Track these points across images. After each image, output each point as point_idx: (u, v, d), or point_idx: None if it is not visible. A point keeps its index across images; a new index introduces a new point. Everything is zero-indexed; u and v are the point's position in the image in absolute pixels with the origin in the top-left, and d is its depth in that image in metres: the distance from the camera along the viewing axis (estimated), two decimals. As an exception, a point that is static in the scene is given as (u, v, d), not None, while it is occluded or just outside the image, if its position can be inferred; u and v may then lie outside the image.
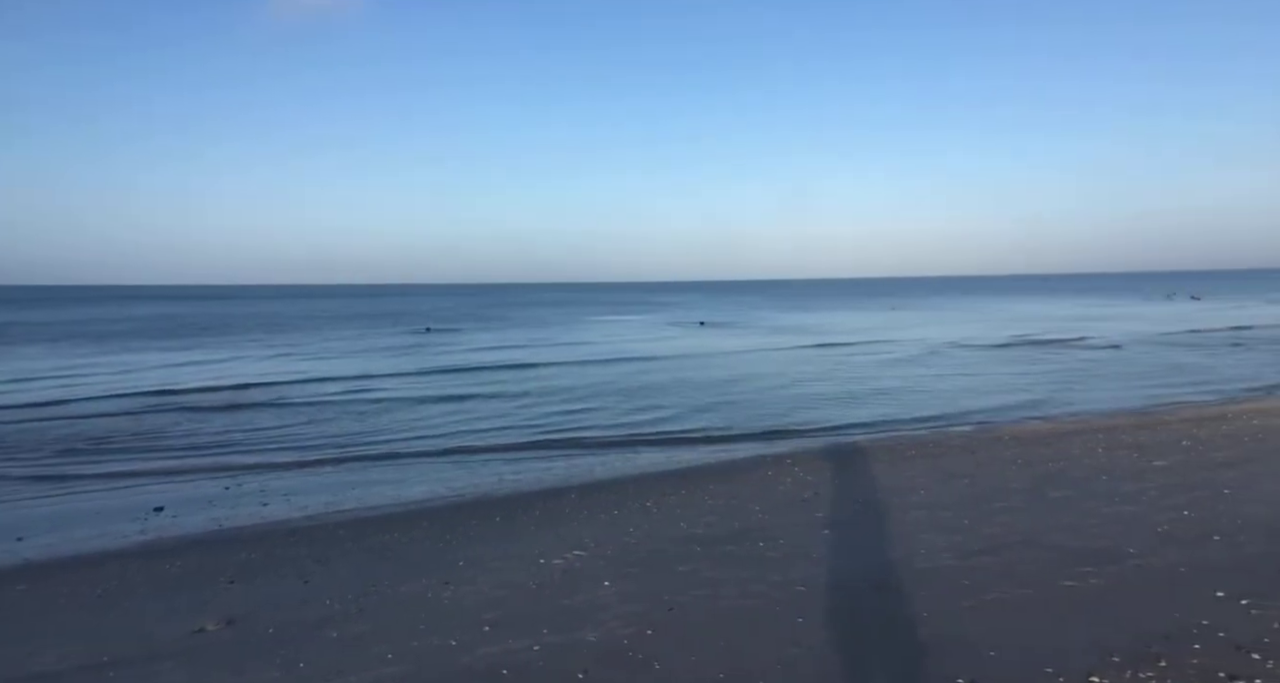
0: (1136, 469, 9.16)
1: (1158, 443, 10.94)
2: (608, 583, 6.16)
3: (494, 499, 10.34)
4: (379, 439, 14.91)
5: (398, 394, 20.42)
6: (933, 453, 11.61)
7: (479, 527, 8.71)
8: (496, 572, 6.73)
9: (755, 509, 8.58)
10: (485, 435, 15.10)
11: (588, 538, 7.74)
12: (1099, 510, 7.39)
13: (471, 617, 5.55)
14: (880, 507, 8.26)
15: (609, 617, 5.39)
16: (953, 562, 6.16)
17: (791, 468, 10.98)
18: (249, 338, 42.89)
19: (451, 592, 6.22)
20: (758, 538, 7.28)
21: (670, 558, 6.81)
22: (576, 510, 9.22)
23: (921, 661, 4.43)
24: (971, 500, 8.17)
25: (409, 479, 11.89)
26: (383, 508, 10.04)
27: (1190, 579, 5.30)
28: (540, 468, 12.46)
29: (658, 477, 11.30)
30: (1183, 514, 6.96)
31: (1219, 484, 8.03)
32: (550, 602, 5.82)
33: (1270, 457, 9.25)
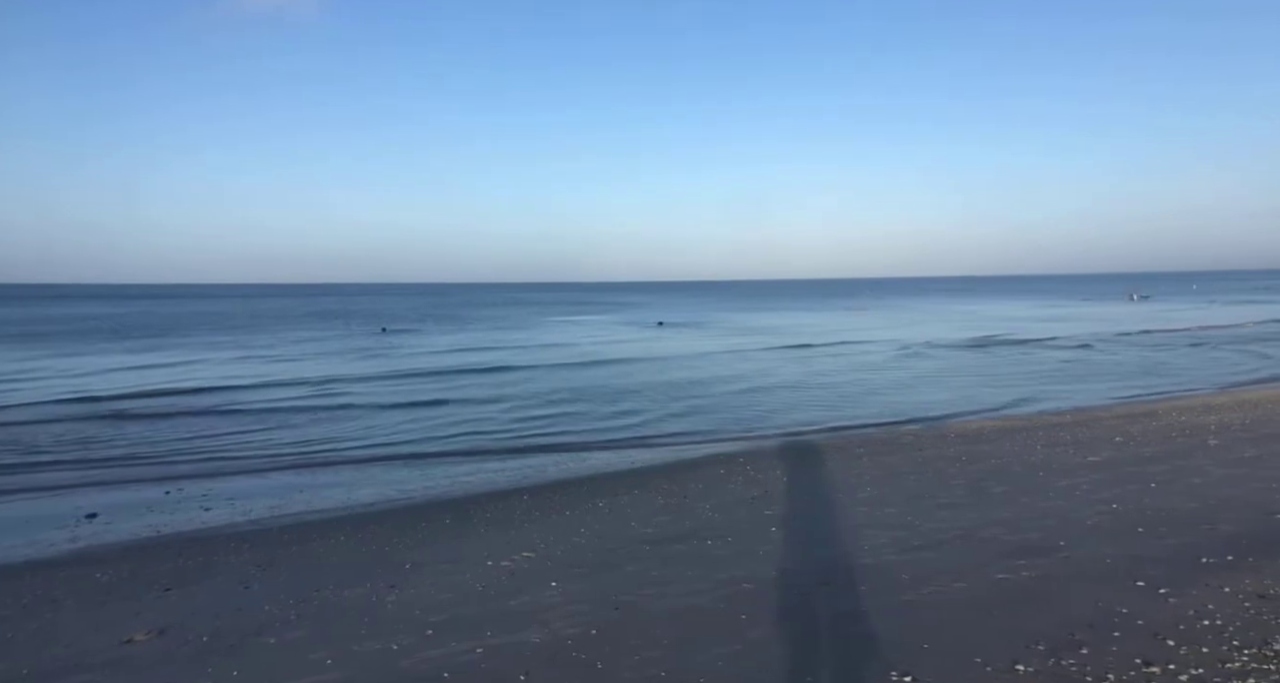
0: (1072, 465, 9.49)
1: (1093, 439, 11.35)
2: (555, 584, 6.15)
3: (445, 501, 10.24)
4: (330, 445, 14.57)
5: (353, 400, 19.81)
6: (881, 451, 11.86)
7: (428, 529, 8.61)
8: (444, 574, 6.66)
9: (705, 508, 8.65)
10: (442, 441, 14.85)
11: (538, 539, 7.71)
12: (1035, 505, 7.64)
13: (415, 620, 5.48)
14: (828, 504, 8.41)
15: (554, 618, 5.38)
16: (894, 557, 6.30)
17: (743, 467, 11.11)
18: (196, 340, 41.57)
19: (396, 595, 6.14)
20: (706, 537, 7.35)
21: (619, 558, 6.83)
22: (528, 512, 9.18)
23: (860, 655, 4.52)
24: (915, 497, 8.36)
25: (359, 482, 11.69)
26: (330, 511, 9.86)
27: (1115, 570, 5.52)
28: (494, 469, 12.38)
29: (611, 477, 11.33)
30: (1111, 508, 7.24)
31: (1146, 479, 8.37)
32: (496, 604, 5.79)
33: (1194, 452, 9.68)
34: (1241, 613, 4.53)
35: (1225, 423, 11.93)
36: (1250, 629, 4.30)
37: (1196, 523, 6.53)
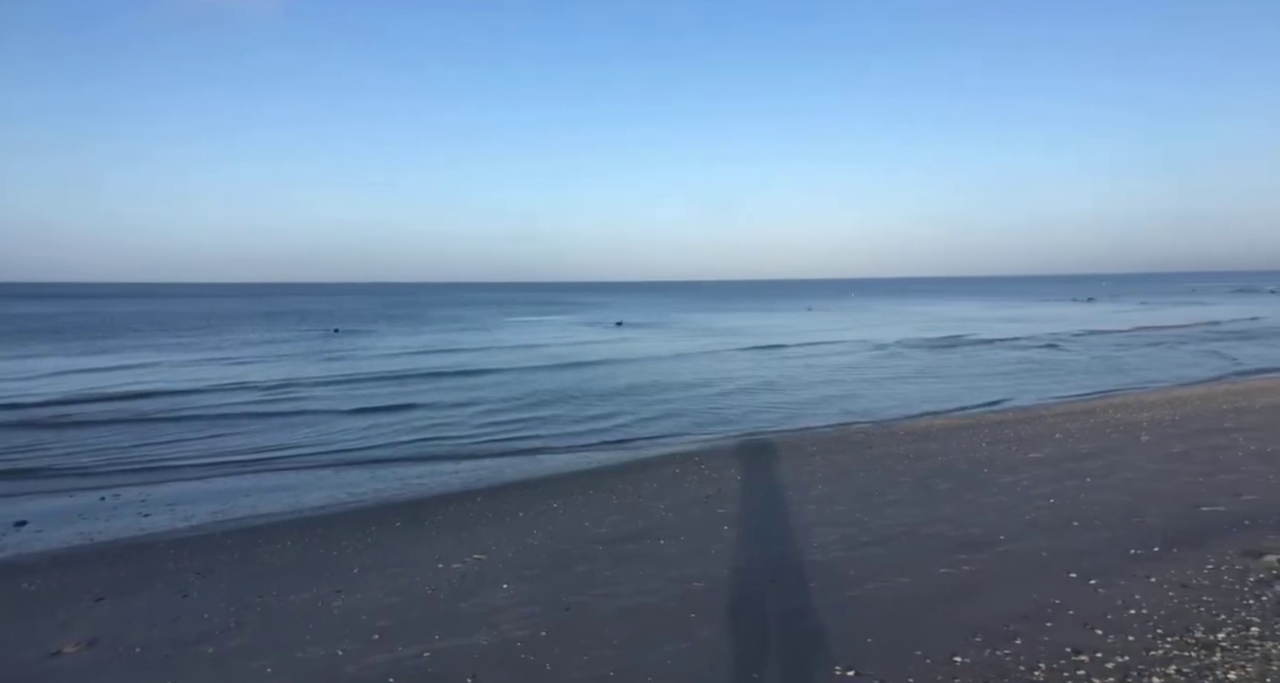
0: (1014, 462, 9.78)
1: (1034, 436, 11.71)
2: (506, 586, 6.11)
3: (397, 504, 10.09)
4: (279, 450, 14.15)
5: (307, 406, 18.95)
6: (833, 449, 12.06)
7: (378, 533, 8.48)
8: (393, 578, 6.57)
9: (660, 507, 8.69)
10: (394, 447, 14.52)
11: (490, 541, 7.65)
12: (978, 501, 7.85)
13: (362, 625, 5.39)
14: (780, 502, 8.52)
15: (504, 620, 5.35)
16: (842, 554, 6.42)
17: (699, 466, 11.18)
18: (139, 342, 39.94)
19: (343, 600, 6.02)
20: (659, 536, 7.38)
21: (571, 558, 6.81)
22: (481, 513, 9.10)
23: (806, 651, 4.59)
24: (864, 494, 8.53)
25: (307, 486, 11.43)
26: (277, 516, 9.63)
27: (1050, 563, 5.71)
28: (448, 471, 12.23)
29: (567, 478, 11.30)
30: (1049, 502, 7.49)
31: (1083, 474, 8.67)
32: (445, 607, 5.73)
33: (1127, 448, 10.06)
34: (1166, 602, 4.73)
35: (1157, 420, 12.43)
36: (1173, 618, 4.49)
37: (1127, 516, 6.79)
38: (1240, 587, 4.87)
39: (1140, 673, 3.84)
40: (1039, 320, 50.26)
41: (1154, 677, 3.79)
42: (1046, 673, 3.94)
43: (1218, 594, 4.78)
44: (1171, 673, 3.80)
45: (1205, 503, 7.05)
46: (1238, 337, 34.18)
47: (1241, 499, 7.12)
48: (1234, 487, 7.63)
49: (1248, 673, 3.71)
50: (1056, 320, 49.99)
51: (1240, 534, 5.99)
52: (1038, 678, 3.90)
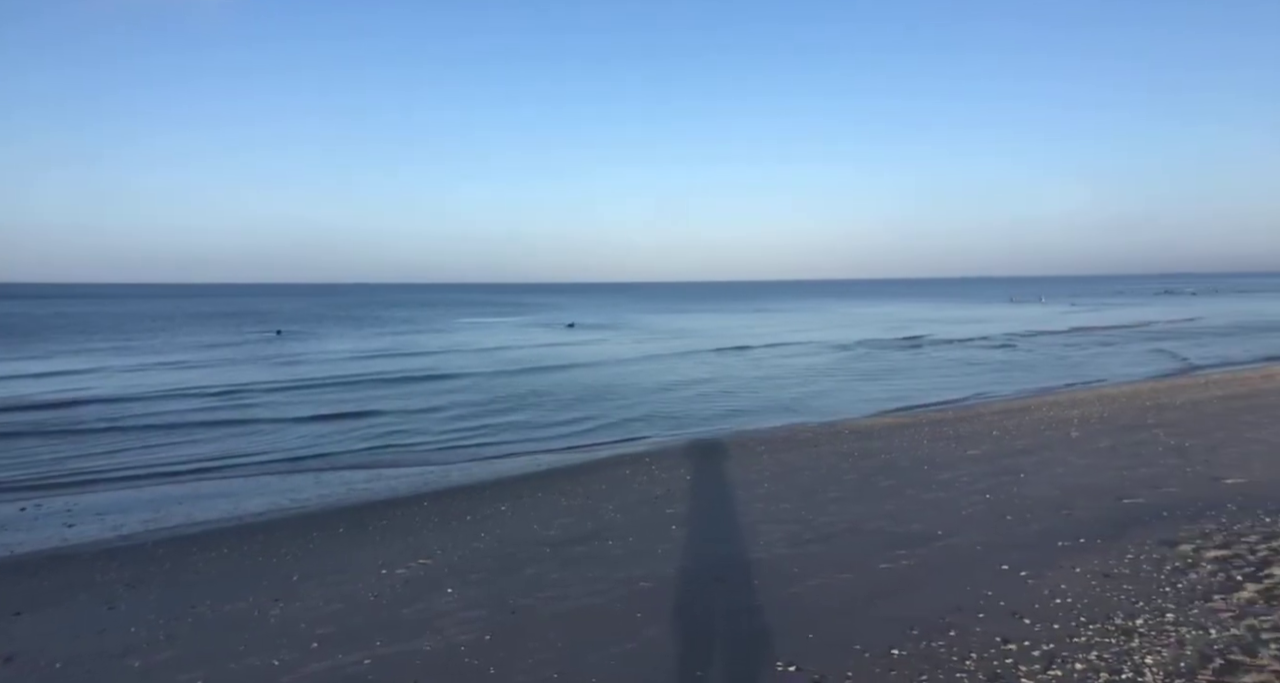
0: (953, 458, 10.08)
1: (973, 433, 12.09)
2: (451, 590, 6.04)
3: (340, 509, 9.87)
4: (218, 458, 13.63)
5: (252, 414, 18.22)
6: (780, 448, 12.24)
7: (321, 539, 8.28)
8: (334, 585, 6.42)
9: (609, 509, 8.69)
10: (341, 457, 14.10)
11: (436, 545, 7.55)
12: (918, 497, 8.08)
13: (300, 634, 5.26)
14: (726, 501, 8.61)
15: (448, 624, 5.28)
16: (786, 551, 6.52)
17: (649, 467, 11.22)
18: (68, 346, 37.93)
19: (281, 609, 5.87)
20: (608, 537, 7.39)
21: (518, 561, 6.77)
22: (428, 518, 8.97)
23: (750, 648, 4.66)
24: (809, 492, 8.68)
25: (248, 492, 11.10)
26: (213, 523, 9.32)
27: (984, 556, 5.91)
28: (394, 475, 12.02)
29: (516, 481, 11.21)
30: (985, 498, 7.75)
31: (1017, 470, 9.00)
32: (388, 613, 5.63)
33: (1058, 444, 10.47)
34: (1089, 591, 4.94)
35: (1086, 417, 12.96)
36: (1095, 606, 4.70)
37: (1056, 509, 7.07)
38: (1157, 575, 5.12)
39: (1064, 660, 4.01)
40: (991, 321, 51.61)
41: (1077, 663, 3.96)
42: (977, 663, 4.08)
43: (1137, 582, 5.02)
44: (1093, 659, 3.98)
45: (1127, 496, 7.39)
46: (1180, 336, 35.69)
47: (1160, 491, 7.48)
48: (1154, 480, 8.02)
49: (1163, 657, 3.91)
50: (1006, 321, 51.50)
51: (1158, 525, 6.30)
52: (969, 668, 4.04)
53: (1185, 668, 3.77)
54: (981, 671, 3.99)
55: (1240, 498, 6.96)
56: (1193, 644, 4.02)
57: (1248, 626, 4.15)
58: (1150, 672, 3.76)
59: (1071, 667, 3.92)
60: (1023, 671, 3.94)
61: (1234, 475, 7.91)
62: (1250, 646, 3.92)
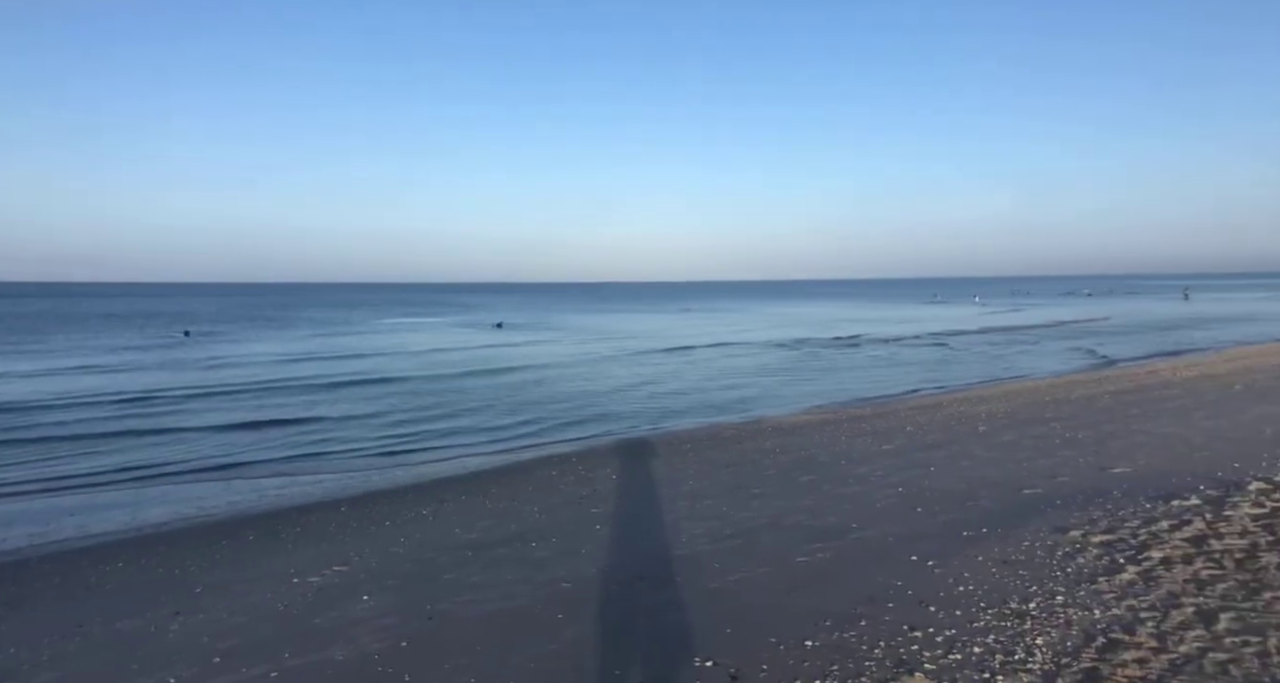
0: (869, 453, 10.43)
1: (888, 429, 12.55)
2: (367, 597, 5.87)
3: (250, 517, 9.45)
4: (118, 469, 12.79)
5: (159, 423, 16.93)
6: (705, 445, 12.41)
7: (229, 548, 7.91)
8: (240, 596, 6.14)
9: (534, 510, 8.62)
10: (255, 466, 13.50)
11: (352, 551, 7.32)
12: (835, 492, 8.32)
13: (201, 649, 5.01)
14: (651, 500, 8.66)
15: (362, 632, 5.13)
16: (708, 547, 6.62)
17: (576, 467, 11.18)
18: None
19: (181, 623, 5.57)
20: (531, 539, 7.32)
21: (438, 566, 6.63)
22: (345, 523, 8.69)
23: (669, 644, 4.70)
24: (731, 488, 8.83)
25: (148, 501, 10.49)
26: (109, 535, 8.79)
27: (895, 548, 6.14)
28: (309, 481, 11.58)
29: (439, 484, 10.98)
30: (897, 491, 8.05)
31: (928, 463, 9.39)
32: (299, 623, 5.43)
33: (966, 438, 10.99)
34: (989, 578, 5.21)
35: (993, 412, 13.64)
36: (994, 592, 4.95)
37: (963, 501, 7.41)
38: (1050, 560, 5.44)
39: (964, 644, 4.21)
40: (917, 321, 53.21)
41: (975, 646, 4.16)
42: (885, 650, 4.24)
43: (1032, 568, 5.31)
44: (990, 642, 4.19)
45: (1026, 486, 7.82)
46: (1096, 333, 37.47)
47: (1055, 482, 7.95)
48: (1050, 470, 8.50)
49: (1052, 638, 4.15)
50: (933, 320, 53.27)
51: (1053, 513, 6.68)
52: (878, 656, 4.19)
53: (1071, 647, 4.01)
54: (889, 658, 4.14)
55: (1125, 485, 7.46)
56: (1079, 625, 4.28)
57: (1128, 606, 4.45)
58: (1040, 652, 3.99)
59: (970, 650, 4.12)
60: (926, 656, 4.11)
61: (1120, 465, 8.48)
62: (1129, 624, 4.21)
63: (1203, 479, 7.40)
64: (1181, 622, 4.12)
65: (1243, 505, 6.07)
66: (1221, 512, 5.99)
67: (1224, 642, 3.87)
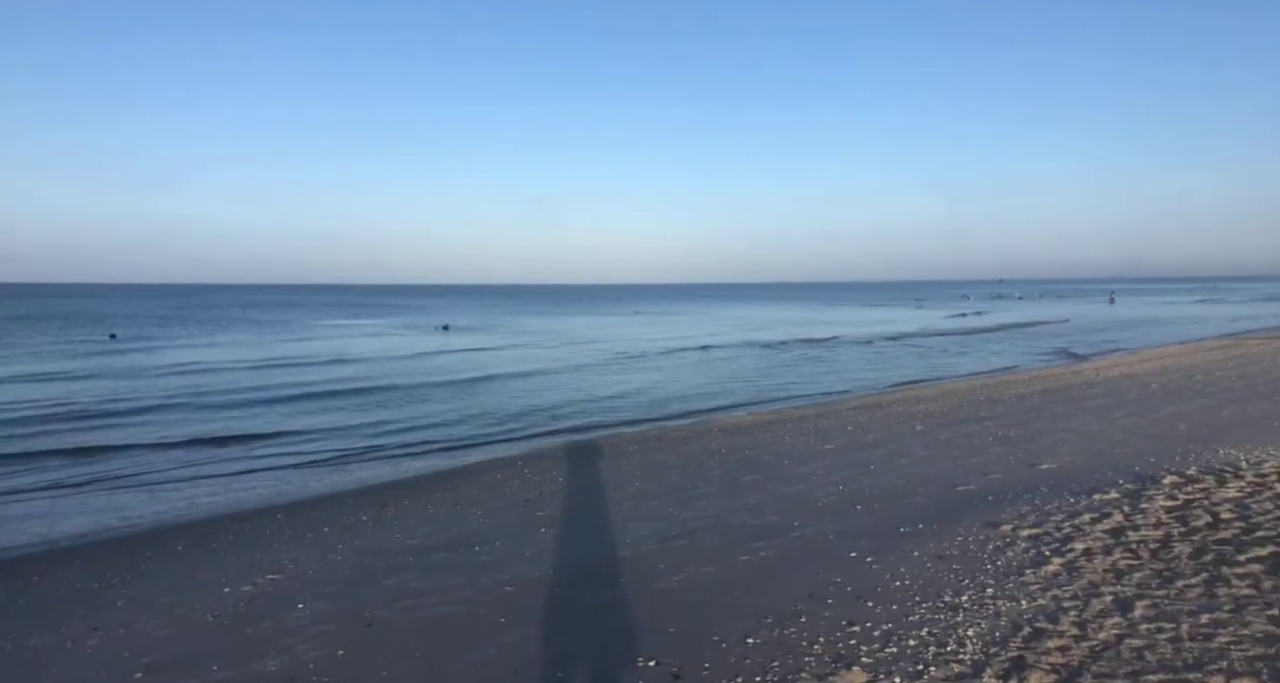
0: (811, 452, 10.62)
1: (830, 429, 12.80)
2: (302, 606, 5.69)
3: (178, 526, 9.07)
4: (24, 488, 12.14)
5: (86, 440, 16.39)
6: (652, 447, 12.44)
7: (153, 560, 7.57)
8: (165, 609, 5.88)
9: (477, 514, 8.50)
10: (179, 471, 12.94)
11: (287, 559, 7.09)
12: (778, 491, 8.45)
13: (122, 664, 4.78)
14: (597, 501, 8.64)
15: (297, 642, 4.97)
16: (652, 547, 6.64)
17: (521, 470, 11.08)
18: None
19: (100, 638, 5.31)
20: (474, 543, 7.22)
21: (377, 572, 6.48)
22: (280, 531, 8.41)
23: (612, 646, 4.69)
24: (676, 489, 8.87)
25: (65, 512, 9.95)
26: (20, 549, 8.32)
27: (835, 545, 6.27)
28: (243, 488, 11.17)
29: (380, 489, 10.73)
30: (838, 489, 8.22)
31: (868, 462, 9.61)
32: (229, 634, 5.23)
33: (904, 437, 11.30)
34: (924, 573, 5.36)
35: (930, 411, 14.06)
36: (929, 586, 5.10)
37: (900, 498, 7.62)
38: (981, 554, 5.63)
39: (900, 637, 4.32)
40: (880, 323, 53.94)
41: (910, 639, 4.27)
42: (824, 646, 4.32)
43: (965, 562, 5.49)
44: (924, 635, 4.32)
45: (961, 483, 8.08)
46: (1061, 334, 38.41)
47: (988, 478, 8.24)
48: (983, 467, 8.81)
49: (982, 629, 4.30)
50: (900, 322, 53.95)
51: (985, 508, 6.93)
52: (817, 651, 4.27)
53: (1000, 638, 4.16)
54: (828, 653, 4.22)
55: (1051, 481, 7.79)
56: (1007, 616, 4.45)
57: (1052, 596, 4.64)
58: (971, 643, 4.12)
59: (906, 643, 4.23)
60: (864, 650, 4.20)
61: (1048, 461, 8.84)
62: (1053, 614, 4.39)
63: (1122, 474, 7.78)
64: (1101, 610, 4.32)
65: (1157, 498, 6.40)
66: (1138, 504, 6.31)
67: (1140, 629, 4.07)
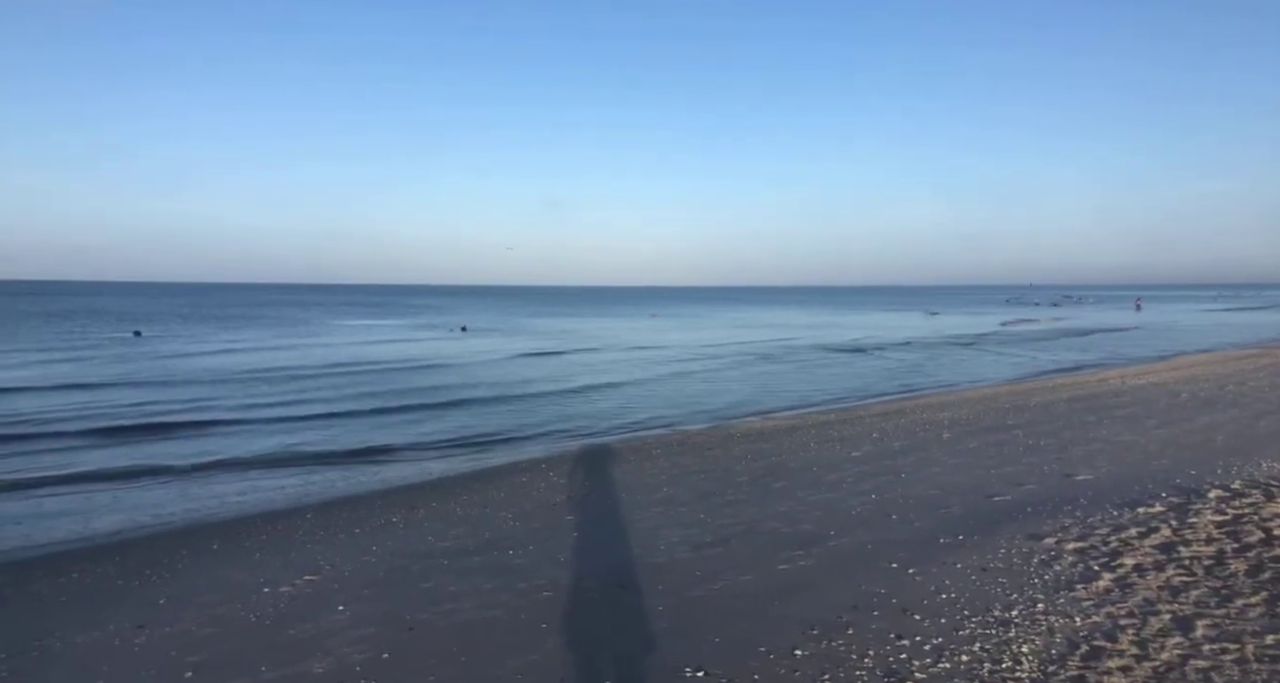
0: (839, 460, 10.56)
1: (855, 436, 12.72)
2: (342, 607, 5.72)
3: (212, 525, 9.14)
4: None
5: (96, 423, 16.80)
6: (675, 451, 12.41)
7: (190, 558, 7.63)
8: (208, 607, 5.92)
9: (507, 517, 8.51)
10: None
11: (322, 560, 7.12)
12: (809, 498, 8.40)
13: (171, 662, 4.81)
14: (626, 506, 8.63)
15: (341, 644, 4.99)
16: (687, 554, 6.61)
17: (546, 473, 11.08)
18: None
19: (147, 635, 5.35)
20: (507, 546, 7.23)
21: (413, 575, 6.50)
22: (312, 532, 8.45)
23: (655, 654, 4.68)
24: (705, 495, 8.85)
25: (98, 509, 10.06)
26: (58, 545, 8.40)
27: (874, 555, 6.22)
28: (271, 487, 11.25)
29: (406, 490, 10.76)
30: (871, 498, 8.16)
31: (898, 470, 9.54)
32: (273, 634, 5.25)
33: (932, 445, 11.21)
34: (970, 586, 5.30)
35: (955, 418, 13.94)
36: (976, 599, 5.05)
37: (935, 508, 7.55)
38: (1027, 567, 5.57)
39: (952, 652, 4.27)
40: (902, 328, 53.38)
41: (963, 655, 4.23)
42: (875, 659, 4.29)
43: (1010, 575, 5.43)
44: (977, 650, 4.27)
45: (996, 493, 8.00)
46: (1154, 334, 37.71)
47: (1023, 488, 8.15)
48: (1016, 477, 8.72)
49: (1037, 646, 4.25)
50: (916, 327, 53.20)
51: (1024, 520, 6.85)
52: (868, 665, 4.23)
53: (1057, 655, 4.11)
54: (879, 667, 4.19)
55: (1090, 492, 7.70)
56: (1062, 632, 4.39)
57: (1107, 613, 4.58)
58: (1027, 660, 4.07)
59: (959, 659, 4.18)
60: (916, 665, 4.16)
61: (1083, 472, 8.73)
62: (1111, 632, 4.33)
63: (1163, 487, 7.67)
64: (1160, 629, 4.26)
65: (1205, 513, 6.31)
66: (1186, 519, 6.22)
67: (1203, 649, 4.01)
